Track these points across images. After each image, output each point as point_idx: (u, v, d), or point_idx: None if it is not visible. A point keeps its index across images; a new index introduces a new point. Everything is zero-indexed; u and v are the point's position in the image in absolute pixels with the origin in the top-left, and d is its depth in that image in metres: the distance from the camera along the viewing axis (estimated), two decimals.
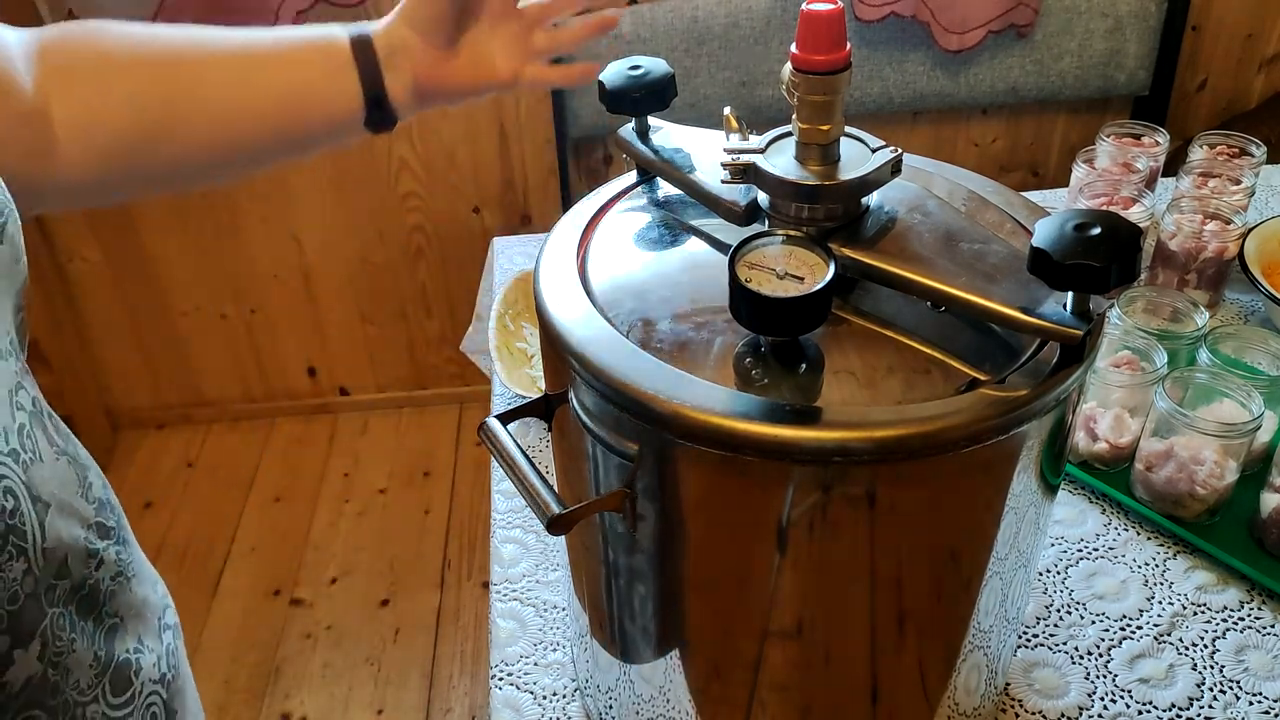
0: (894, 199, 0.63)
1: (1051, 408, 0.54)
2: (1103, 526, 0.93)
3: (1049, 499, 0.63)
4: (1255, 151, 1.20)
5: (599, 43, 1.91)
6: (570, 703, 0.82)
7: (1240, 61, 2.15)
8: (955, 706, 0.69)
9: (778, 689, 0.63)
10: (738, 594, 0.59)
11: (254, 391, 2.46)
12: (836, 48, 0.56)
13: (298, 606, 2.04)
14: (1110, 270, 0.49)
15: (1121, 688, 0.80)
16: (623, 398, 0.54)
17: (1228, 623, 0.85)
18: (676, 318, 0.59)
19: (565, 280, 0.62)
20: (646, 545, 0.60)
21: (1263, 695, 0.79)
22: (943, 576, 0.60)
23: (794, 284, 0.54)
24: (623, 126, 0.72)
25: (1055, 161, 2.26)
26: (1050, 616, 0.86)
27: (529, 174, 2.18)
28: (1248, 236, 1.14)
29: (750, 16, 1.92)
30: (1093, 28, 1.98)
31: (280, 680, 1.90)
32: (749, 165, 0.60)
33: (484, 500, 2.24)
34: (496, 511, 0.98)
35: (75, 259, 2.20)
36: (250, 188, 2.14)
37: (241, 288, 2.29)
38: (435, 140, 2.12)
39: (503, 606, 0.89)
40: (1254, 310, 1.17)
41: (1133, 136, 1.25)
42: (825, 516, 0.54)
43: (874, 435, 0.50)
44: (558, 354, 0.58)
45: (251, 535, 2.20)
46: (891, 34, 1.98)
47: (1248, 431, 0.86)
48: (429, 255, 2.27)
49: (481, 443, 0.62)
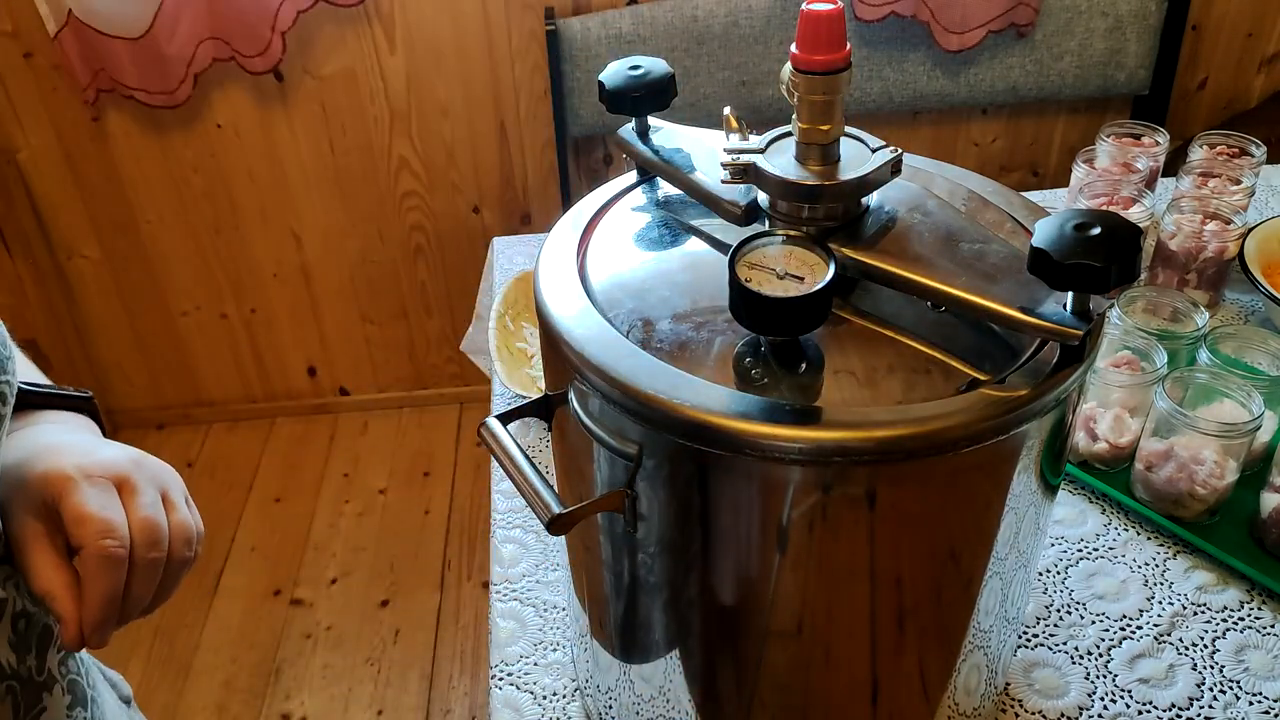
0: (894, 199, 0.63)
1: (1051, 408, 0.54)
2: (1103, 526, 0.93)
3: (1049, 499, 0.63)
4: (1255, 151, 1.20)
5: (599, 42, 1.91)
6: (570, 703, 0.82)
7: (1240, 61, 2.15)
8: (955, 706, 0.69)
9: (778, 689, 0.63)
10: (738, 594, 0.59)
11: (254, 391, 2.46)
12: (836, 48, 0.56)
13: (298, 606, 2.04)
14: (1110, 270, 0.49)
15: (1121, 688, 0.80)
16: (623, 397, 0.54)
17: (1228, 623, 0.84)
18: (676, 318, 0.59)
19: (565, 280, 0.62)
20: (646, 545, 0.60)
21: (1263, 695, 0.79)
22: (943, 576, 0.60)
23: (794, 284, 0.54)
24: (623, 126, 0.72)
25: (1055, 161, 2.26)
26: (1050, 616, 0.86)
27: (529, 174, 2.18)
28: (1248, 236, 1.14)
29: (750, 16, 1.92)
30: (1093, 27, 1.98)
31: (280, 680, 1.90)
32: (749, 165, 0.60)
33: (484, 500, 2.23)
34: (496, 511, 0.98)
35: (75, 257, 2.20)
36: (250, 187, 2.15)
37: (241, 287, 2.29)
38: (435, 140, 2.12)
39: (503, 606, 0.89)
40: (1254, 310, 1.17)
41: (1133, 136, 1.25)
42: (825, 516, 0.54)
43: (874, 435, 0.50)
44: (558, 354, 0.58)
45: (251, 535, 2.20)
46: (891, 34, 1.98)
47: (1248, 431, 0.86)
48: (429, 255, 2.27)
49: (481, 443, 0.62)
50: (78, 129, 2.04)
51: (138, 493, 0.58)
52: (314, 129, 2.08)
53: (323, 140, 2.10)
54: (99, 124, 2.04)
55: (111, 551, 0.54)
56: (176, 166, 2.10)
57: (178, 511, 0.60)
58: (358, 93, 2.05)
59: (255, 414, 2.48)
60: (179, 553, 0.58)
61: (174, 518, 0.59)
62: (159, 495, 0.59)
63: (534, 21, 1.99)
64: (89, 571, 0.55)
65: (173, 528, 0.59)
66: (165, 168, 2.10)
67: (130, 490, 0.58)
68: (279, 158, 2.12)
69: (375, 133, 2.10)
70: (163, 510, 0.59)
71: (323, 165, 2.13)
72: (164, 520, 0.58)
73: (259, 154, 2.11)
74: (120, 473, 0.58)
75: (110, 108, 2.01)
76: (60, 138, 2.05)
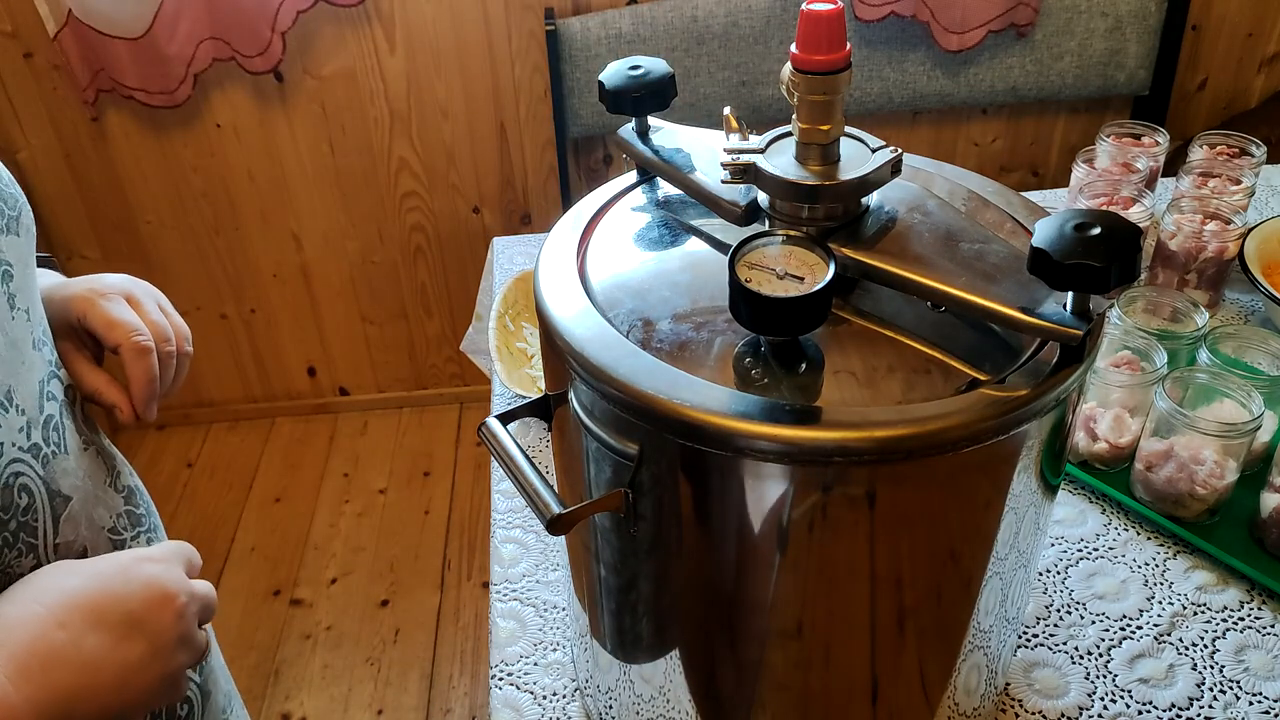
0: (894, 199, 0.63)
1: (1051, 408, 0.54)
2: (1103, 526, 0.93)
3: (1049, 499, 0.63)
4: (1255, 151, 1.20)
5: (599, 42, 1.91)
6: (570, 703, 0.81)
7: (1240, 61, 2.15)
8: (955, 706, 0.69)
9: (778, 689, 0.63)
10: (738, 594, 0.59)
11: (254, 391, 2.46)
12: (836, 48, 0.56)
13: (298, 607, 2.04)
14: (1110, 270, 0.49)
15: (1121, 688, 0.80)
16: (623, 397, 0.54)
17: (1228, 623, 0.84)
18: (676, 318, 0.59)
19: (565, 280, 0.62)
20: (647, 545, 0.60)
21: (1263, 695, 0.79)
22: (943, 576, 0.60)
23: (794, 284, 0.54)
24: (623, 126, 0.72)
25: (1055, 161, 2.26)
26: (1050, 616, 0.86)
27: (529, 174, 2.18)
28: (1248, 236, 1.14)
29: (750, 16, 1.92)
30: (1093, 28, 1.98)
31: (280, 681, 1.90)
32: (749, 165, 0.60)
33: (484, 500, 2.23)
34: (496, 511, 0.98)
35: (75, 257, 2.20)
36: (250, 187, 2.15)
37: (241, 288, 2.29)
38: (435, 140, 2.12)
39: (503, 606, 0.89)
40: (1254, 310, 1.17)
41: (1133, 136, 1.25)
42: (825, 516, 0.54)
43: (874, 435, 0.50)
44: (558, 354, 0.58)
45: (251, 535, 2.20)
46: (891, 34, 1.98)
47: (1248, 431, 0.86)
48: (429, 255, 2.27)
49: (481, 443, 0.62)
50: (78, 129, 2.04)
51: (143, 304, 0.71)
52: (314, 129, 2.08)
53: (323, 141, 2.10)
54: (99, 124, 2.04)
55: (142, 344, 0.68)
56: (176, 166, 2.10)
57: (173, 317, 0.74)
58: (358, 93, 2.05)
59: (255, 414, 2.48)
60: (182, 348, 0.73)
61: (173, 321, 0.73)
62: (157, 306, 0.73)
63: (534, 22, 1.99)
64: (129, 360, 0.68)
65: (174, 329, 0.72)
66: (165, 168, 2.10)
67: (137, 303, 0.71)
68: (279, 158, 2.12)
69: (375, 133, 2.10)
70: (164, 316, 0.72)
71: (322, 165, 2.13)
72: (167, 323, 0.71)
73: (259, 154, 2.11)
74: (125, 289, 0.72)
75: (110, 108, 2.01)
76: (60, 138, 2.05)
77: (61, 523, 0.61)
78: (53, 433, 0.62)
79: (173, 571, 0.59)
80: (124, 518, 0.70)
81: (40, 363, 0.62)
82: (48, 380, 0.63)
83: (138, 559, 0.59)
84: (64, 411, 0.64)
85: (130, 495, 0.72)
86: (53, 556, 0.60)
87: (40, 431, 0.60)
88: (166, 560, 0.59)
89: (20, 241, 0.63)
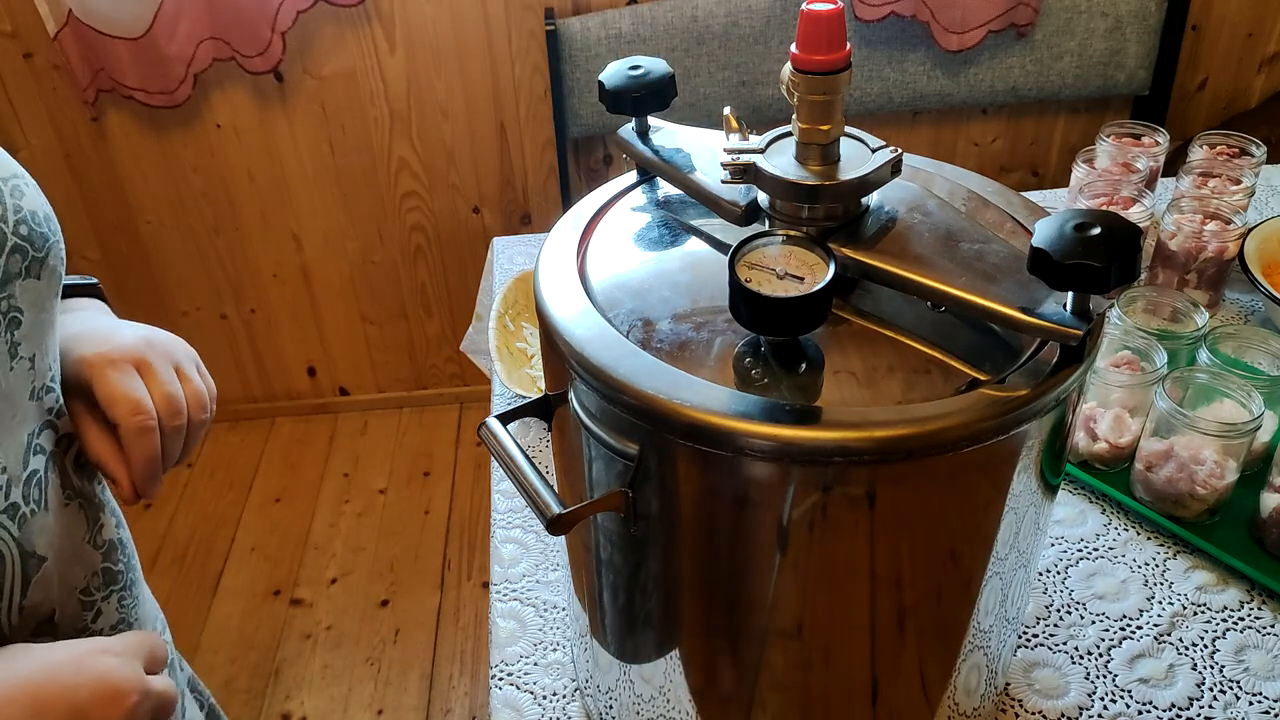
0: (894, 199, 0.63)
1: (1051, 408, 0.54)
2: (1103, 526, 0.93)
3: (1049, 499, 0.63)
4: (1255, 151, 1.20)
5: (599, 42, 1.91)
6: (570, 703, 0.81)
7: (1240, 61, 2.15)
8: (955, 706, 0.69)
9: (778, 689, 0.63)
10: (738, 594, 0.59)
11: (254, 391, 2.46)
12: (836, 48, 0.56)
13: (298, 606, 2.04)
14: (1110, 270, 0.49)
15: (1121, 688, 0.80)
16: (623, 397, 0.54)
17: (1228, 623, 0.84)
18: (676, 318, 0.59)
19: (565, 280, 0.62)
20: (646, 545, 0.60)
21: (1263, 695, 0.79)
22: (943, 576, 0.60)
23: (794, 284, 0.54)
24: (623, 126, 0.72)
25: (1055, 161, 2.26)
26: (1050, 616, 0.86)
27: (529, 174, 2.18)
28: (1248, 236, 1.14)
29: (750, 16, 1.92)
30: (1093, 28, 1.98)
31: (280, 681, 1.90)
32: (749, 165, 0.60)
33: (484, 500, 2.23)
34: (496, 511, 0.98)
35: (75, 258, 2.20)
36: (250, 187, 2.15)
37: (241, 288, 2.29)
38: (435, 140, 2.12)
39: (503, 606, 0.89)
40: (1254, 310, 1.17)
41: (1133, 136, 1.25)
42: (825, 516, 0.54)
43: (874, 435, 0.50)
44: (558, 354, 0.58)
45: (251, 535, 2.20)
46: (891, 34, 1.98)
47: (1248, 431, 0.86)
48: (429, 255, 2.27)
49: (481, 443, 0.62)
50: (78, 129, 2.04)
51: (155, 371, 0.67)
52: (314, 129, 2.08)
53: (323, 141, 2.10)
54: (99, 124, 2.04)
55: (143, 424, 0.64)
56: (176, 166, 2.10)
57: (191, 382, 0.69)
58: (358, 93, 2.05)
59: (255, 414, 2.48)
60: (196, 416, 0.68)
61: (188, 388, 0.68)
62: (172, 370, 0.68)
63: (534, 22, 1.99)
64: (128, 441, 0.64)
65: (188, 396, 0.68)
66: (165, 168, 2.10)
67: (148, 369, 0.66)
68: (279, 158, 2.12)
69: (375, 133, 2.10)
70: (178, 383, 0.67)
71: (322, 166, 2.13)
72: (180, 392, 0.67)
73: (259, 154, 2.11)
74: (137, 355, 0.66)
75: (110, 108, 2.01)
76: (60, 138, 2.05)
77: (32, 586, 0.60)
78: (34, 489, 0.60)
79: (129, 666, 0.57)
80: (99, 576, 0.68)
81: (35, 413, 0.61)
82: (38, 432, 0.61)
83: (94, 650, 0.57)
84: (51, 465, 0.62)
85: (110, 550, 0.70)
86: (16, 619, 0.59)
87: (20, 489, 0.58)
88: (125, 654, 0.58)
89: (40, 285, 0.60)
